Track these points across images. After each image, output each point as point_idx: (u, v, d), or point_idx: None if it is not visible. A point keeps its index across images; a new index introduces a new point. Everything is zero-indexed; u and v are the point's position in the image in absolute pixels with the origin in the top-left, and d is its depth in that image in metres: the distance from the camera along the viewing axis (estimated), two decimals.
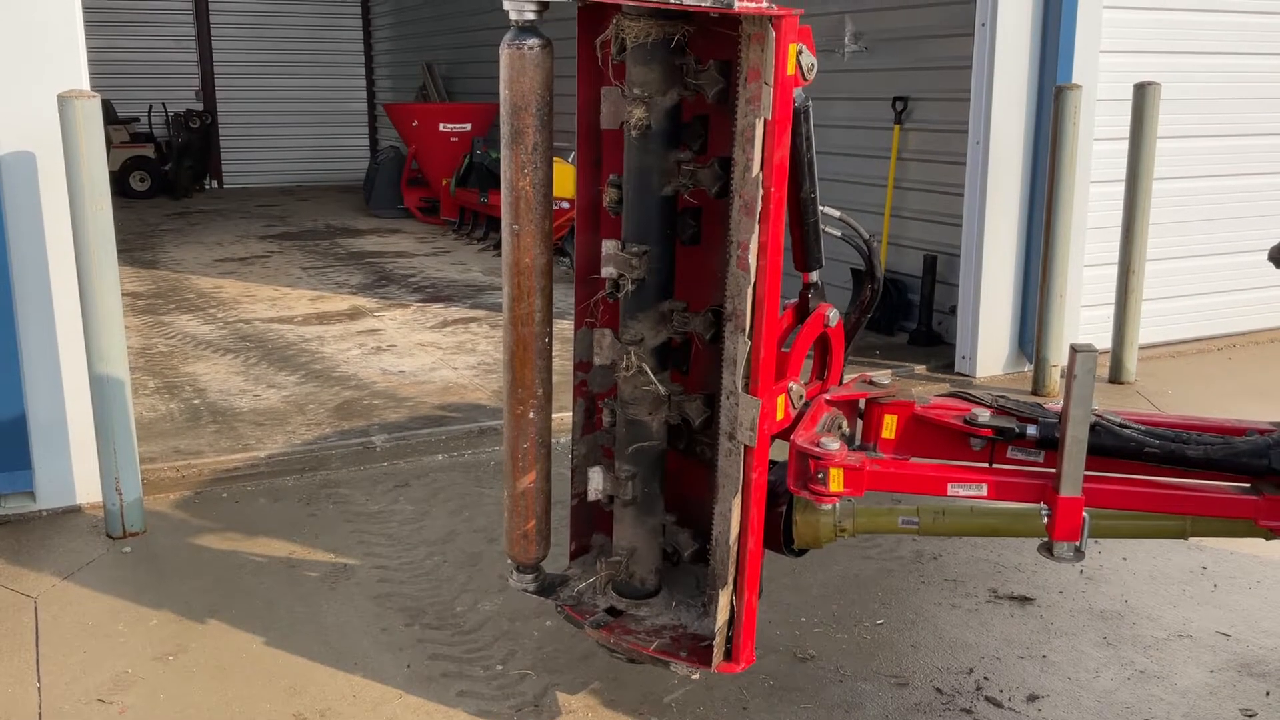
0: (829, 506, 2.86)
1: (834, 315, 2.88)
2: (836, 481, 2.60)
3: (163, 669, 3.33)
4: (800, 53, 2.46)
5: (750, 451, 2.56)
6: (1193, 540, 4.15)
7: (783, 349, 2.77)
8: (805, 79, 2.49)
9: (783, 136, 2.43)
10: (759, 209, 2.45)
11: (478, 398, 5.96)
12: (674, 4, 2.39)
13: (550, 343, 2.83)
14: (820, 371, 2.99)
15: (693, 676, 2.91)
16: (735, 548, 2.62)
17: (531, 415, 2.81)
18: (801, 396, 2.77)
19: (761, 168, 2.43)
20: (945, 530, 2.96)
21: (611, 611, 2.90)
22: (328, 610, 3.70)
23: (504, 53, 2.65)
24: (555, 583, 3.03)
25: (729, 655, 2.69)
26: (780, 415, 2.70)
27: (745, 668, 2.71)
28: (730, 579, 2.64)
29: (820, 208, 2.79)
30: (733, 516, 2.60)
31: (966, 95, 6.19)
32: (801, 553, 3.00)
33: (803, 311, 2.87)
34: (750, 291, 2.51)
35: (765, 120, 2.40)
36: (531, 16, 2.64)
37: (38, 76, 4.12)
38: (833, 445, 2.61)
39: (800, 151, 2.64)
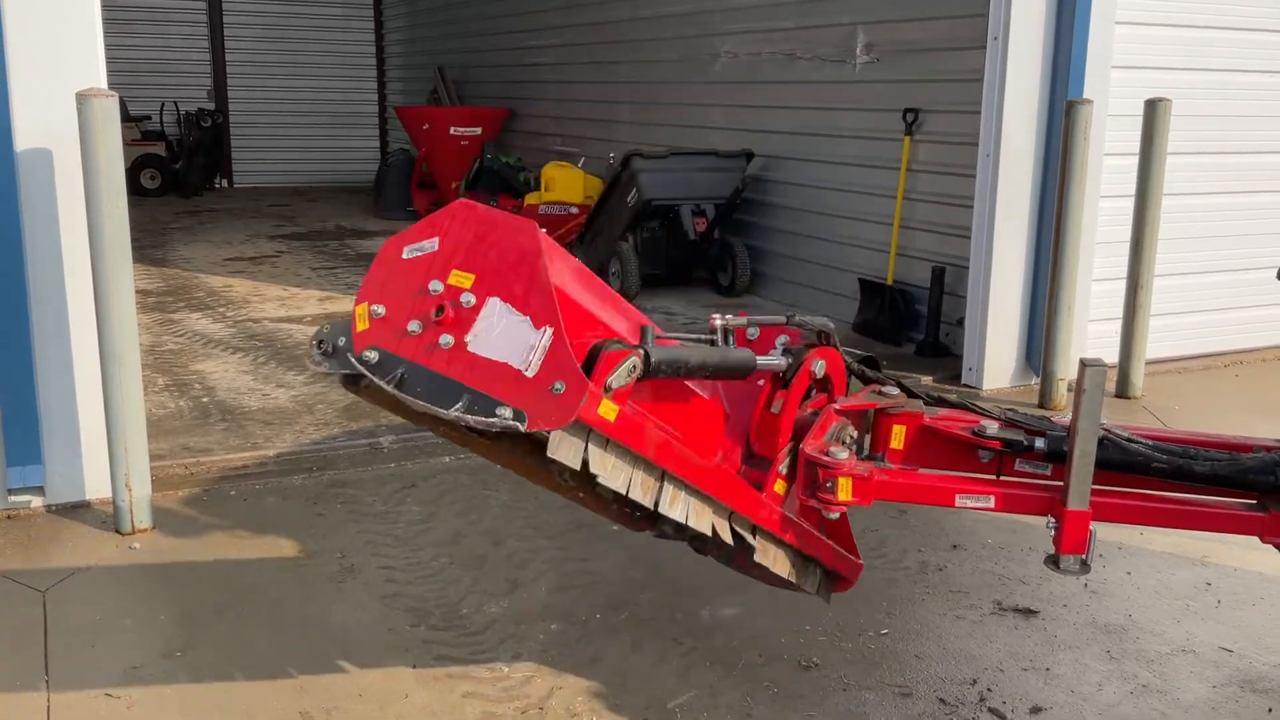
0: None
1: (820, 368, 2.85)
2: (845, 490, 2.62)
3: (170, 665, 3.36)
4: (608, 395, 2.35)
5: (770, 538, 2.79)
6: (1197, 556, 4.17)
7: (770, 411, 2.81)
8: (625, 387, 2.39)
9: None
10: None
11: None
12: (468, 422, 2.28)
13: None
14: (824, 388, 3.01)
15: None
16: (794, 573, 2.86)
17: None
18: (794, 463, 2.83)
19: None
20: None
21: None
22: (335, 609, 3.72)
23: None
24: None
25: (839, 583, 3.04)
26: (780, 489, 2.82)
27: (856, 579, 3.08)
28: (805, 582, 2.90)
29: (725, 351, 2.68)
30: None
31: (977, 108, 6.21)
32: None
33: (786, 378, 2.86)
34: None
35: None
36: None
37: (56, 74, 4.15)
38: (841, 454, 2.64)
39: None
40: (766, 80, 8.71)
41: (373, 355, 2.44)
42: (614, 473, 2.43)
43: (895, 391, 2.89)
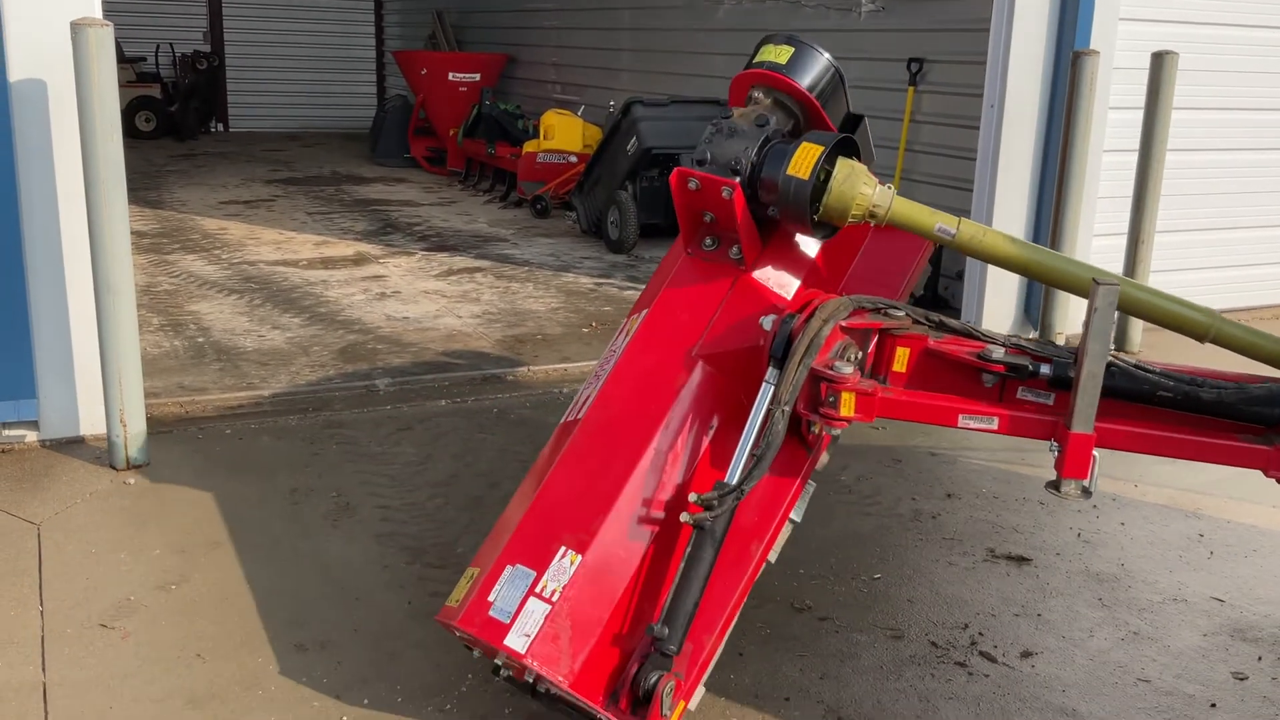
0: (871, 180, 2.84)
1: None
2: (848, 406, 2.59)
3: (165, 597, 3.36)
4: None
5: None
6: (1191, 508, 4.19)
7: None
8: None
9: None
10: None
11: (481, 345, 5.97)
12: None
13: None
14: None
15: None
16: None
17: None
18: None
19: None
20: (979, 249, 2.87)
21: None
22: (330, 546, 3.72)
23: None
24: None
25: None
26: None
27: None
28: None
29: (714, 539, 2.66)
30: None
31: (983, 59, 6.14)
32: (827, 229, 2.94)
33: None
34: None
35: None
36: None
37: (51, 4, 4.08)
38: (846, 369, 2.61)
39: None
40: (770, 28, 8.60)
41: (506, 671, 2.70)
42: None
43: (900, 314, 2.83)
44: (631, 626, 2.66)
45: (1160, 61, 5.83)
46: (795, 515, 2.84)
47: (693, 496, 2.62)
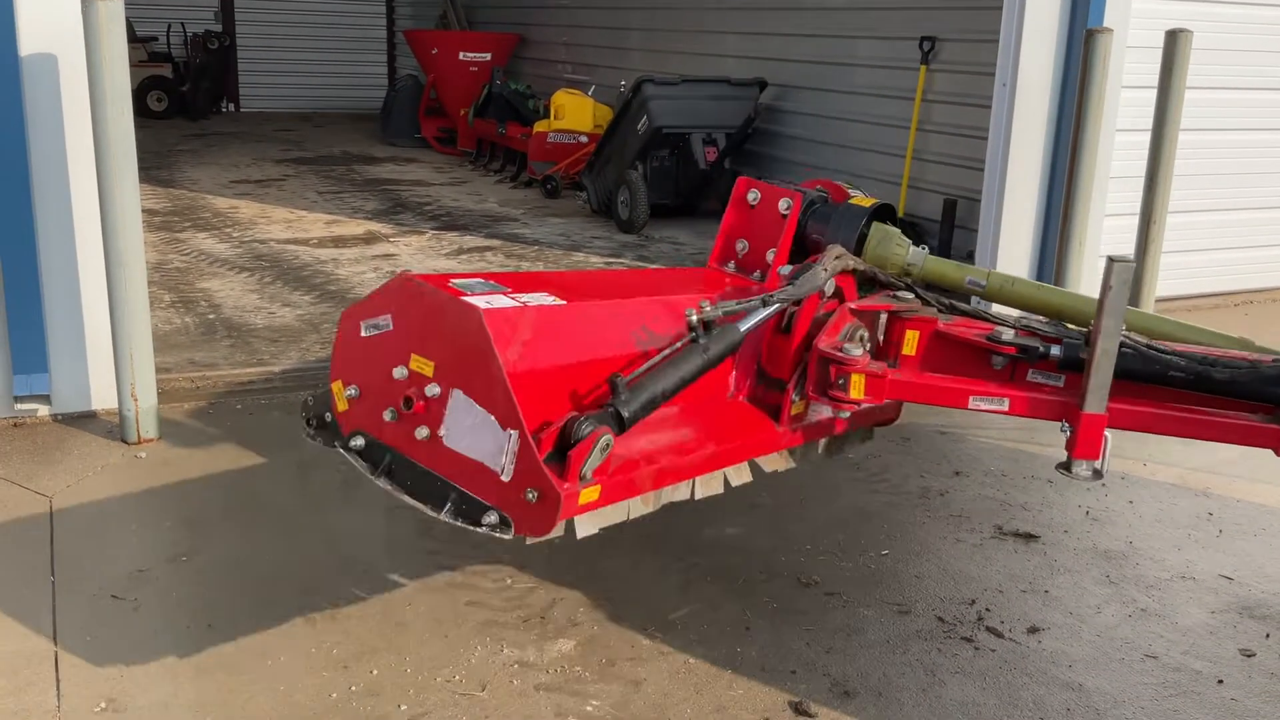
0: (904, 242, 3.02)
1: (830, 286, 2.90)
2: (858, 388, 2.59)
3: (176, 568, 3.38)
4: None
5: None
6: (1200, 487, 4.18)
7: (780, 333, 2.84)
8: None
9: None
10: None
11: None
12: (458, 524, 2.38)
13: None
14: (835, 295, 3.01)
15: None
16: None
17: None
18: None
19: None
20: (1009, 298, 3.02)
21: None
22: (339, 520, 3.74)
23: None
24: None
25: None
26: (798, 410, 2.87)
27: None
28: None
29: (706, 346, 2.54)
30: None
31: (995, 36, 6.10)
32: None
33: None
34: None
35: None
36: None
37: None
38: (856, 351, 2.61)
39: None
40: (782, 7, 8.57)
41: (359, 441, 2.42)
42: (609, 517, 2.48)
43: (910, 296, 2.84)
44: (587, 403, 2.41)
45: (1174, 40, 5.77)
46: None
47: (702, 303, 2.52)
